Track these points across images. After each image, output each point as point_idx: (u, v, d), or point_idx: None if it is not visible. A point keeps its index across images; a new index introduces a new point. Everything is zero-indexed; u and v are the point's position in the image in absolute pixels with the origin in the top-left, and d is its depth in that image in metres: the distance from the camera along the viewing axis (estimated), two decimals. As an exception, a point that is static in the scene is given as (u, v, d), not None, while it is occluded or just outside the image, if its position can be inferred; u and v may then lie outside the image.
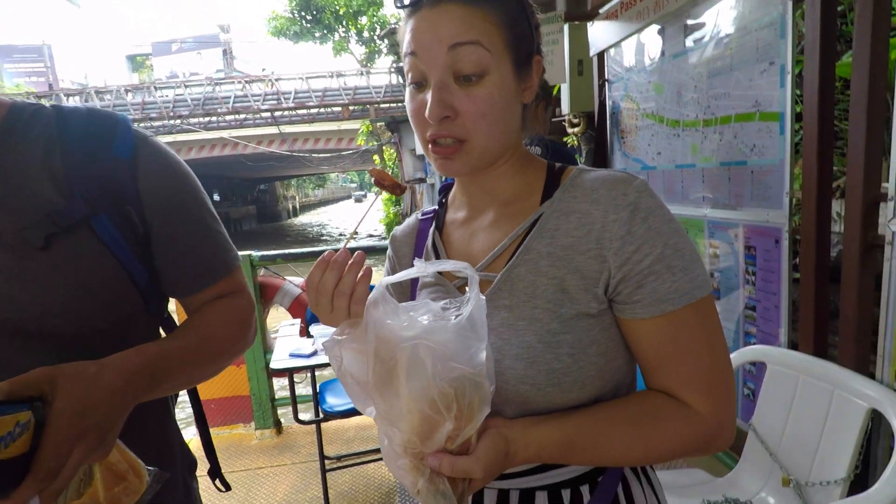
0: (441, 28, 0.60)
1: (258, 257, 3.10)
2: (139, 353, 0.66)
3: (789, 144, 1.61)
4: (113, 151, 0.74)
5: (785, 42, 1.58)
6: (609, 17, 2.53)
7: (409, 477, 0.54)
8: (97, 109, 0.77)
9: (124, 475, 0.62)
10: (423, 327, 0.54)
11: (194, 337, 0.76)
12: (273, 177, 44.52)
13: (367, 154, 22.47)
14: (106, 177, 0.73)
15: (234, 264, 0.85)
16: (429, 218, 0.81)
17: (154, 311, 0.81)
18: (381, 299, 0.56)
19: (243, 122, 21.43)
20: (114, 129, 0.75)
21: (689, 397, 0.61)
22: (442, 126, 0.63)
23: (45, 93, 22.28)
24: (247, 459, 2.89)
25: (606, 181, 0.64)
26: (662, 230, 0.60)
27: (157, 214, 0.77)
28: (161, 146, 0.80)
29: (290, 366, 2.12)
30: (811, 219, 1.57)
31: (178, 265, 0.80)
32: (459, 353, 0.53)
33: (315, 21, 19.77)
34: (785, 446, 1.43)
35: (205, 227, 0.82)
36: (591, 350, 0.62)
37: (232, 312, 0.82)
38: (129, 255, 0.74)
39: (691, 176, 2.10)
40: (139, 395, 0.65)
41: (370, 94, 19.84)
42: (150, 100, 20.44)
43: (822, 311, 1.60)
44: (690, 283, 0.60)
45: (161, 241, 0.78)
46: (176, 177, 0.80)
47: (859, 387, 1.30)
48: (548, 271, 0.64)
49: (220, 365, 0.80)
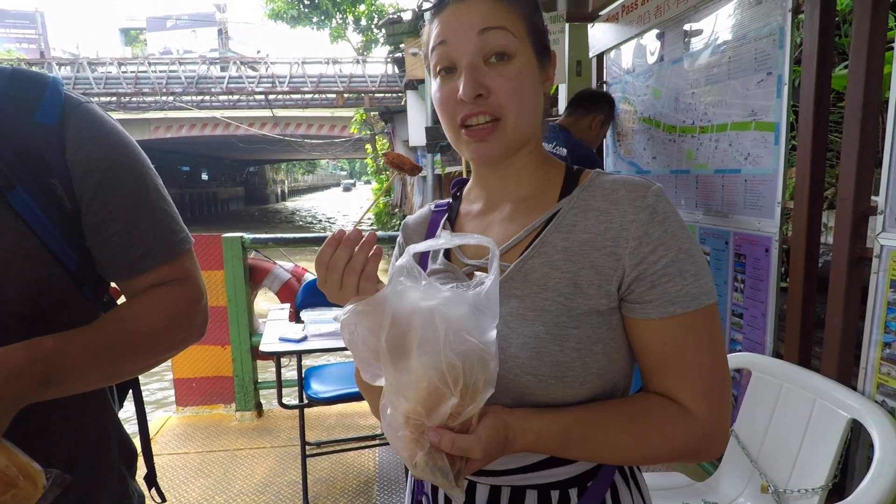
0: (470, 16, 0.64)
1: (249, 240, 3.07)
2: (27, 348, 0.59)
3: (784, 155, 1.63)
4: (36, 117, 0.66)
5: (783, 52, 1.59)
6: (610, 20, 2.54)
7: (407, 449, 0.54)
8: (23, 70, 0.68)
9: (13, 482, 0.56)
10: (441, 297, 0.54)
11: (111, 330, 0.68)
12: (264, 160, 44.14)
13: (360, 143, 22.35)
14: (25, 146, 0.65)
15: (181, 248, 0.77)
16: (442, 210, 0.82)
17: (89, 295, 0.73)
18: (408, 266, 0.57)
19: (236, 103, 21.19)
20: (39, 93, 0.67)
21: (687, 400, 0.62)
22: (476, 104, 0.64)
23: (37, 60, 21.81)
24: (225, 440, 2.87)
25: (626, 184, 0.66)
26: (678, 234, 0.62)
27: (87, 189, 0.68)
28: (96, 112, 0.71)
29: (279, 350, 2.11)
30: (801, 229, 1.59)
31: (111, 246, 0.71)
32: (473, 327, 0.53)
33: (313, 6, 19.53)
34: (765, 453, 1.46)
35: (145, 204, 0.73)
36: (596, 348, 0.63)
37: (167, 303, 0.74)
38: (53, 233, 0.66)
39: (685, 182, 2.11)
40: (27, 396, 0.58)
41: (365, 82, 19.72)
42: (144, 75, 20.09)
43: (808, 320, 1.63)
44: (700, 288, 0.62)
45: (92, 219, 0.70)
46: (111, 147, 0.71)
47: (841, 397, 1.32)
48: (562, 265, 0.65)
49: (151, 360, 0.73)
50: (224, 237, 3.04)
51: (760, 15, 1.67)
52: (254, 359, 3.17)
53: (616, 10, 2.46)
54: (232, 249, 3.04)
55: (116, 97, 20.18)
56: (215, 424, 3.05)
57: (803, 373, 1.47)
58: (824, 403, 1.34)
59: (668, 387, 0.63)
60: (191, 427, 3.02)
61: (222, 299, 3.06)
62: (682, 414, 0.62)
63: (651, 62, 2.29)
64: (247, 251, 3.11)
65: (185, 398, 3.21)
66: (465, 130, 0.66)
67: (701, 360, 0.62)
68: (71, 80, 19.23)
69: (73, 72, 19.88)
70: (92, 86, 19.58)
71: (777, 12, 1.61)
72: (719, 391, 0.62)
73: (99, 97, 19.34)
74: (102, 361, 0.66)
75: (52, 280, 0.68)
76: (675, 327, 0.62)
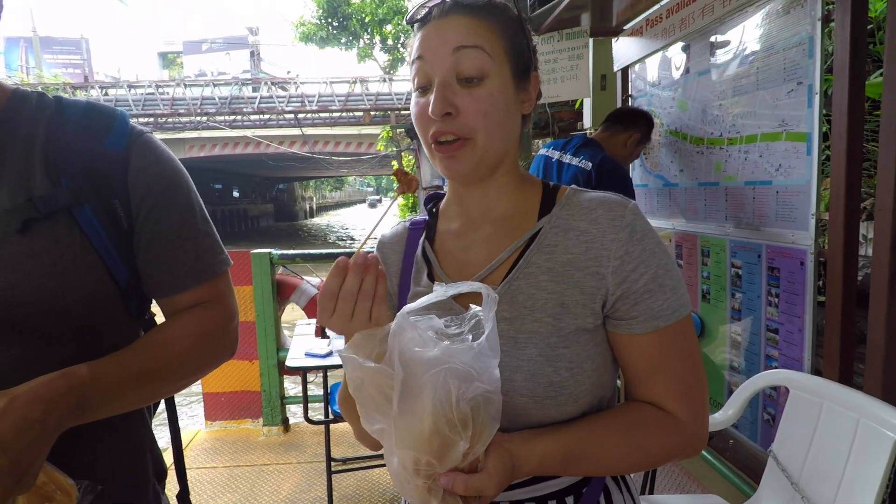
0: (447, 33, 0.65)
1: (277, 255, 3.12)
2: (64, 377, 0.62)
3: (816, 165, 1.58)
4: (105, 144, 0.73)
5: (813, 62, 1.56)
6: (634, 34, 2.52)
7: (422, 499, 0.54)
8: (97, 103, 0.76)
9: (51, 496, 0.60)
10: (448, 351, 0.54)
11: (144, 356, 0.72)
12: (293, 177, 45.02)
13: (386, 159, 22.60)
14: (95, 168, 0.71)
15: (220, 269, 0.82)
16: (419, 227, 0.80)
17: (135, 313, 0.78)
18: (407, 326, 0.56)
19: (267, 122, 21.73)
20: (110, 123, 0.74)
21: (673, 406, 0.65)
22: (444, 123, 0.64)
23: (81, 84, 22.80)
24: (252, 455, 2.89)
25: (603, 202, 0.67)
26: (655, 251, 0.65)
27: (142, 209, 0.75)
28: (156, 143, 0.79)
29: (305, 365, 2.13)
30: (838, 241, 1.54)
31: (158, 263, 0.77)
32: (479, 371, 0.54)
33: (341, 27, 20.03)
34: (807, 475, 1.39)
35: (191, 227, 0.79)
36: (587, 365, 0.65)
37: (198, 326, 0.78)
38: (111, 249, 0.72)
39: (714, 194, 2.07)
40: (65, 423, 0.61)
41: (392, 100, 20.01)
42: (180, 96, 20.84)
43: (848, 336, 1.56)
44: (678, 300, 0.65)
45: (144, 237, 0.76)
46: (166, 174, 0.78)
47: (887, 416, 1.25)
48: (548, 286, 0.66)
49: (183, 381, 0.77)
50: (252, 253, 3.10)
51: (789, 24, 1.64)
52: (280, 374, 3.21)
53: (640, 23, 2.45)
54: (260, 265, 3.09)
55: (154, 118, 20.97)
56: (243, 439, 3.09)
57: (845, 391, 1.40)
58: (869, 423, 1.28)
59: (653, 395, 0.66)
60: (219, 441, 3.06)
61: (251, 314, 3.12)
62: (670, 421, 0.65)
63: (677, 75, 2.26)
64: (275, 267, 3.16)
65: (214, 412, 3.26)
66: (435, 146, 0.67)
67: (682, 366, 0.66)
68: (112, 101, 20.09)
69: (114, 93, 20.76)
70: (131, 107, 20.38)
71: (806, 21, 1.57)
72: (700, 392, 0.67)
73: (137, 118, 20.14)
74: (136, 386, 0.70)
75: (105, 294, 0.73)
76: (658, 340, 0.65)
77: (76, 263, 0.69)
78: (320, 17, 19.86)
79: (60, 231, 0.68)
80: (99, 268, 0.71)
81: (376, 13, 19.27)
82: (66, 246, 0.68)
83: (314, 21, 19.83)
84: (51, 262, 0.67)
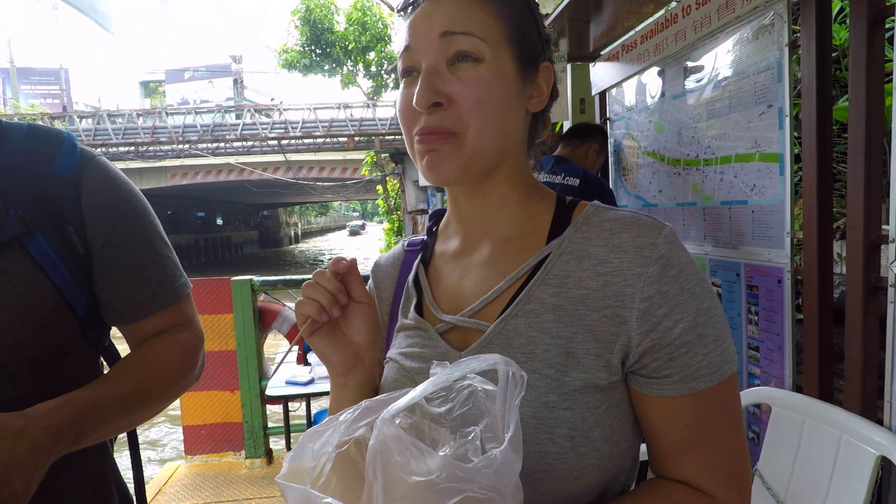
0: (435, 17, 0.55)
1: (259, 282, 3.09)
2: (69, 405, 0.60)
3: (789, 185, 1.62)
4: (55, 169, 0.69)
5: (782, 86, 1.61)
6: (611, 59, 2.60)
7: None
8: (40, 126, 0.73)
9: None
10: (460, 473, 0.39)
11: (132, 381, 0.70)
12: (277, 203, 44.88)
13: (371, 184, 22.68)
14: (45, 195, 0.68)
15: (183, 292, 0.79)
16: (416, 249, 0.70)
17: (93, 339, 0.75)
18: (395, 441, 0.40)
19: (250, 148, 21.74)
20: (57, 146, 0.71)
21: (714, 487, 0.53)
22: (432, 116, 0.55)
23: (59, 114, 22.71)
24: (235, 490, 2.81)
25: (631, 224, 0.54)
26: (695, 292, 0.52)
27: (98, 236, 0.72)
28: (108, 166, 0.76)
29: (287, 393, 2.09)
30: (813, 260, 1.57)
31: (120, 290, 0.74)
32: (504, 494, 0.40)
33: (324, 55, 20.26)
34: (792, 492, 1.39)
35: (151, 251, 0.76)
36: (594, 433, 0.51)
37: (176, 350, 0.76)
38: (67, 278, 0.69)
39: (692, 214, 2.10)
40: (62, 452, 0.59)
41: (376, 125, 20.18)
42: (161, 125, 20.79)
43: (826, 353, 1.58)
44: (721, 356, 0.52)
45: (102, 264, 0.73)
46: (122, 198, 0.75)
47: (867, 433, 1.26)
48: (552, 328, 0.53)
49: (157, 407, 0.75)
50: (233, 280, 3.06)
51: (758, 50, 1.70)
52: (263, 403, 3.14)
53: (616, 49, 2.52)
54: (241, 293, 3.05)
55: (135, 146, 20.84)
56: (224, 473, 2.99)
57: (826, 407, 1.42)
58: (850, 440, 1.29)
59: (688, 473, 0.53)
60: (199, 476, 2.96)
61: (231, 343, 3.06)
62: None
63: (653, 98, 2.32)
64: (256, 294, 3.12)
65: (194, 446, 3.16)
66: (417, 138, 0.56)
67: (725, 438, 0.53)
68: (91, 131, 19.95)
69: (93, 123, 20.64)
70: (111, 136, 20.27)
71: (774, 47, 1.63)
72: (746, 471, 0.55)
73: (118, 147, 19.99)
74: (124, 411, 0.68)
75: (62, 323, 0.70)
76: (695, 405, 0.52)
77: (29, 296, 0.66)
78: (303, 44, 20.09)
79: (12, 263, 0.65)
80: (55, 298, 0.69)
81: (359, 41, 19.56)
82: (16, 278, 0.65)
83: (297, 48, 20.05)
84: (4, 296, 0.64)
